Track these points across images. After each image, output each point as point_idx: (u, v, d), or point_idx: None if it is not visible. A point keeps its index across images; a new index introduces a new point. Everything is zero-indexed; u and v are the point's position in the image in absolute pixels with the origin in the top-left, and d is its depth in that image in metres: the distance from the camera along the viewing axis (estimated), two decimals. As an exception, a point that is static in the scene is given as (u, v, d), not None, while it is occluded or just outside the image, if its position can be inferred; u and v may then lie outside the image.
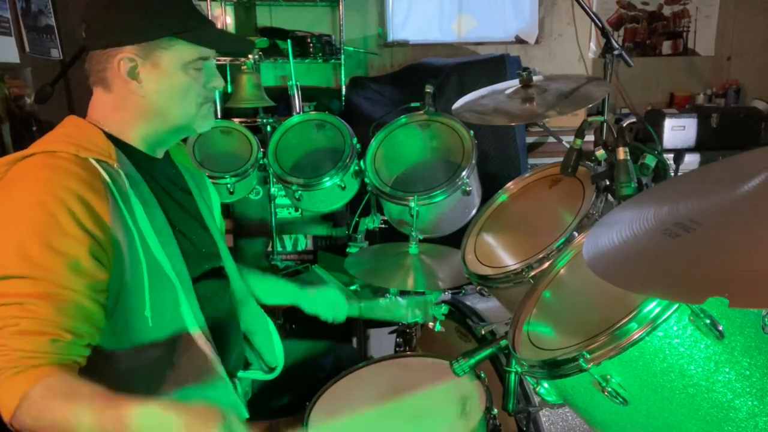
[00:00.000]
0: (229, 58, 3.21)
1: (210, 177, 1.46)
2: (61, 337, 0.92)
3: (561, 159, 1.35)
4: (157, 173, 1.19)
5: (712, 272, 0.59)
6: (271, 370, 1.40)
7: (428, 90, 1.97)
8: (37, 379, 0.88)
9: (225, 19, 3.60)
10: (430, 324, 1.82)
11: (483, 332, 1.56)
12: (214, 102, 1.23)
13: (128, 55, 1.10)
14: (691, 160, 3.40)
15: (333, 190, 1.99)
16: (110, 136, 1.13)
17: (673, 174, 1.15)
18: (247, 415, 1.24)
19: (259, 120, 2.52)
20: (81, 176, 1.01)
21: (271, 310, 1.49)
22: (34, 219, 0.96)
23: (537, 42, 4.08)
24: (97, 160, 1.05)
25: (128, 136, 1.16)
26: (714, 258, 0.61)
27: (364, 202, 2.17)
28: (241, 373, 1.34)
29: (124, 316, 1.06)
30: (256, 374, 1.39)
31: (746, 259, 0.57)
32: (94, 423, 0.85)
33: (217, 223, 1.37)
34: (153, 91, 1.13)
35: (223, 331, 1.27)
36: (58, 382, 0.89)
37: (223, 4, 3.56)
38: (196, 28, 1.15)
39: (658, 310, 0.80)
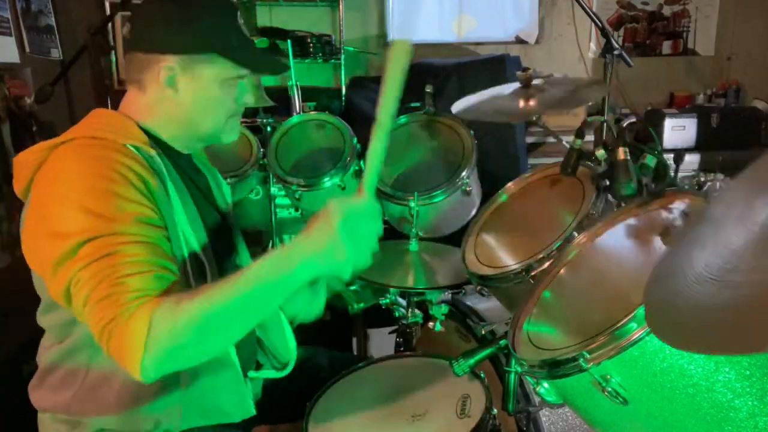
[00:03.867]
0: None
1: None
2: (162, 272, 0.96)
3: (561, 159, 1.35)
4: (184, 165, 1.22)
5: None
6: (283, 366, 1.39)
7: (428, 90, 1.97)
8: (151, 310, 0.89)
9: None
10: (430, 324, 1.82)
11: (483, 332, 1.56)
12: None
13: (169, 63, 1.12)
14: (691, 160, 3.39)
15: (333, 190, 1.99)
16: (142, 128, 1.15)
17: (673, 174, 1.14)
18: (254, 412, 1.24)
19: (259, 120, 2.51)
20: (129, 154, 1.04)
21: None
22: (94, 185, 0.99)
23: (537, 42, 4.08)
24: (135, 147, 1.07)
25: (159, 132, 1.18)
26: None
27: (363, 203, 2.17)
28: (251, 374, 1.33)
29: None
30: (268, 373, 1.38)
31: None
32: (234, 288, 0.92)
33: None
34: (189, 100, 1.15)
35: None
36: (172, 298, 0.92)
37: (223, 4, 3.55)
38: (239, 48, 1.17)
39: (658, 310, 0.80)
